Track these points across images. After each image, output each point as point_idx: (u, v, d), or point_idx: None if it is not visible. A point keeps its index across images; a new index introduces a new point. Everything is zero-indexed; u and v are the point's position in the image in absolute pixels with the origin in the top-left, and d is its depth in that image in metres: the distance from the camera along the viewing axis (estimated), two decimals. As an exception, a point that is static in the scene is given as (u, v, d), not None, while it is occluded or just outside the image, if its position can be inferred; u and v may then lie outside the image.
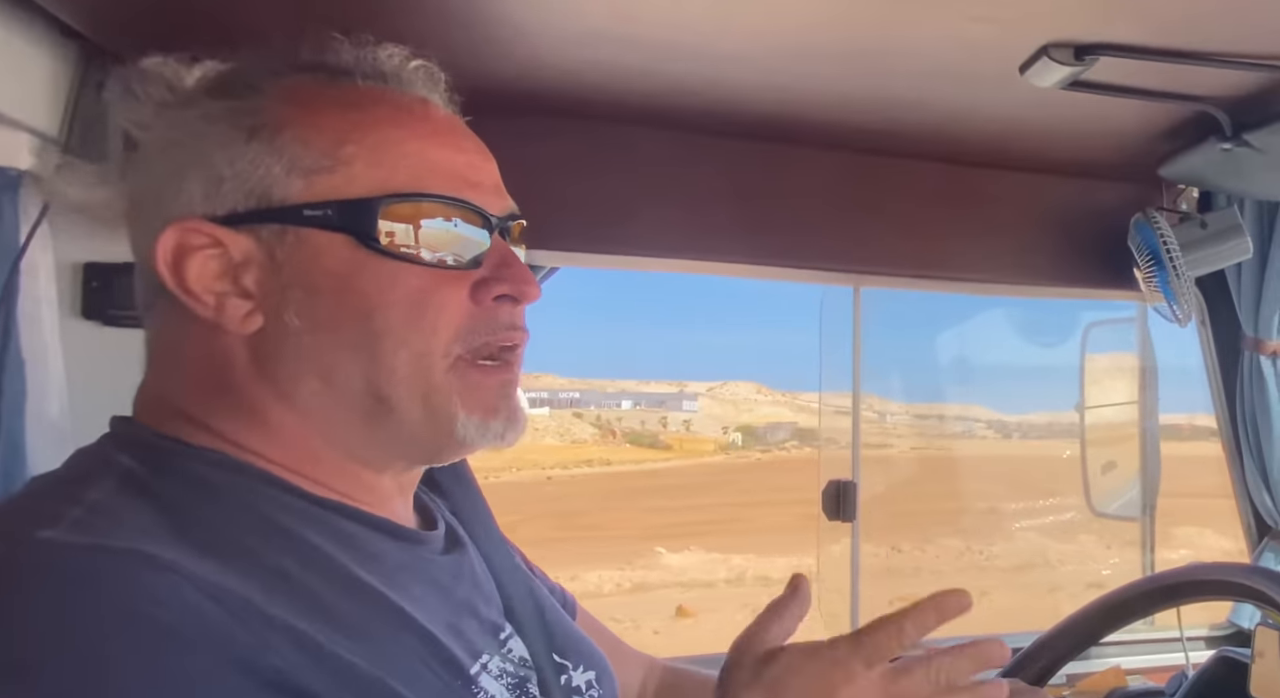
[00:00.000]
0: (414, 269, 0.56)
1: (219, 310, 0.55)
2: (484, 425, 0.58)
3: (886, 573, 10.87)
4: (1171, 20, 0.94)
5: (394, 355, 0.55)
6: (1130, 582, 1.22)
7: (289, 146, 0.55)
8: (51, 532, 0.46)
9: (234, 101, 0.57)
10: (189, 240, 0.55)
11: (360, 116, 0.57)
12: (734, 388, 33.10)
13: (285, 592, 0.50)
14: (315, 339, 0.55)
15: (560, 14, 0.94)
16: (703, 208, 1.31)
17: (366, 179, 0.55)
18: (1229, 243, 1.42)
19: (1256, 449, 1.60)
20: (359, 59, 0.60)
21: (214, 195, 0.55)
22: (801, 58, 1.04)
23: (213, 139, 0.56)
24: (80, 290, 1.09)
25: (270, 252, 0.55)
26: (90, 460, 0.55)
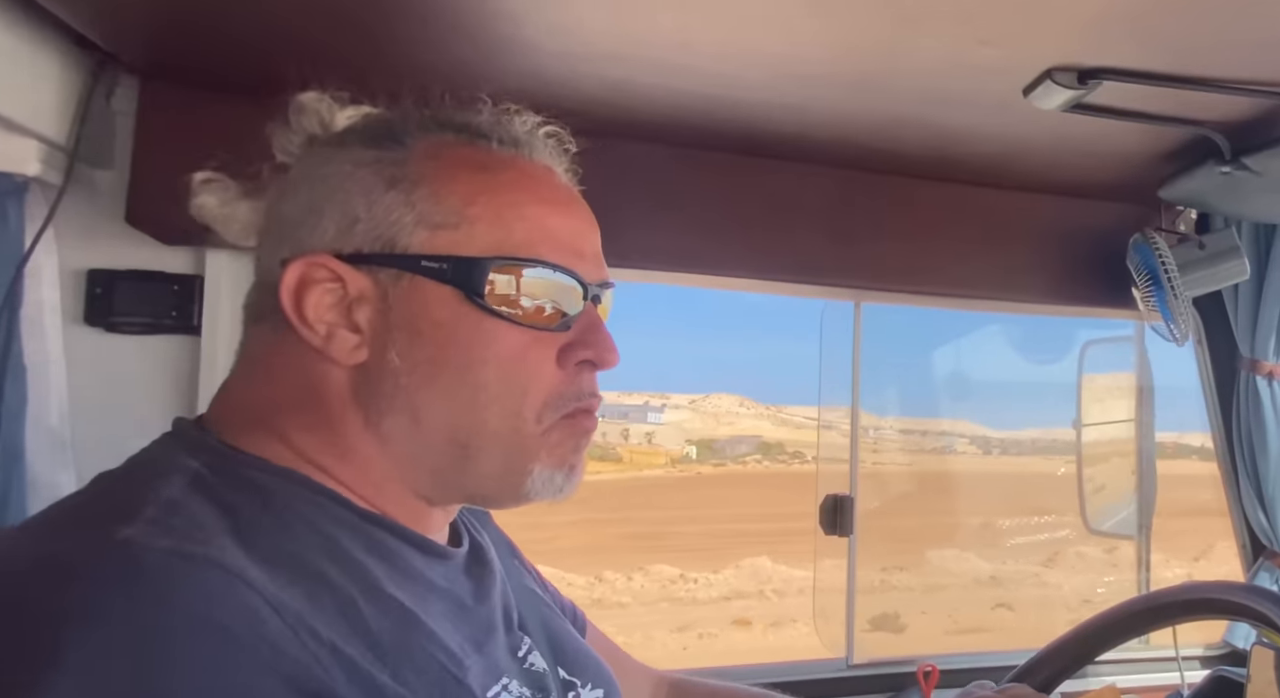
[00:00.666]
0: (511, 328, 0.59)
1: (328, 340, 0.59)
2: (550, 478, 0.62)
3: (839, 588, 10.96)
4: (1173, 47, 0.95)
5: (486, 409, 0.59)
6: (1126, 600, 1.23)
7: (422, 201, 0.60)
8: (130, 529, 0.48)
9: (382, 151, 0.61)
10: (314, 273, 0.59)
11: (490, 179, 0.62)
12: (717, 400, 33.11)
13: (329, 605, 0.52)
14: (412, 380, 0.59)
15: (571, 35, 0.95)
16: (706, 223, 1.31)
17: (485, 239, 0.60)
18: (1226, 264, 1.43)
19: (1252, 469, 1.60)
20: (497, 124, 0.65)
21: (346, 234, 0.60)
22: (807, 80, 1.05)
23: (356, 182, 0.60)
24: (84, 297, 1.09)
25: (385, 293, 0.59)
26: (158, 459, 0.57)
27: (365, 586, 0.55)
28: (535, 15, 0.91)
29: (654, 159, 1.28)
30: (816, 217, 1.37)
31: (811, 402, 1.74)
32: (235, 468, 0.56)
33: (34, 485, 1.02)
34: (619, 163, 1.26)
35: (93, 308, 1.09)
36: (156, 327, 1.11)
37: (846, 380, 1.56)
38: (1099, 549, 9.99)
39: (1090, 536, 1.75)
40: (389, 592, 0.56)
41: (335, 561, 0.54)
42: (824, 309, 1.62)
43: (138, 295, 1.09)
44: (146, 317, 1.11)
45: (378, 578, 0.56)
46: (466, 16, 0.91)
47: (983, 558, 11.51)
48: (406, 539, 0.60)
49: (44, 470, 1.04)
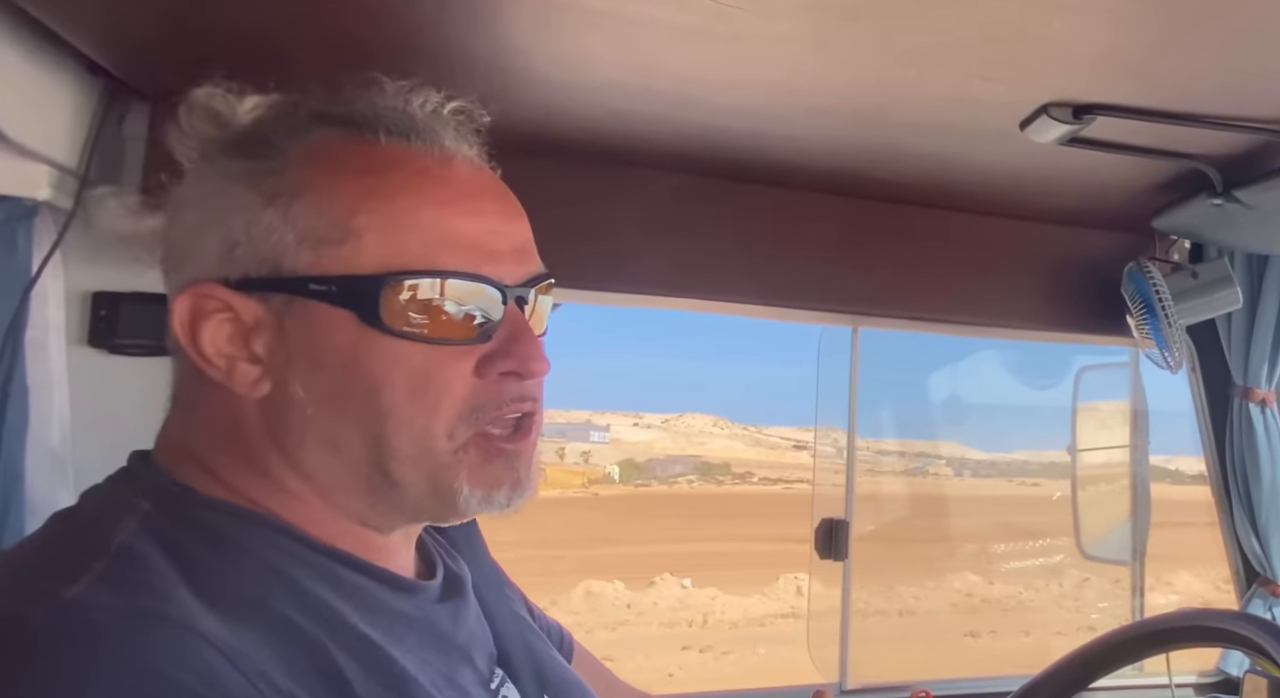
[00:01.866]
0: (418, 347, 0.54)
1: (229, 374, 0.55)
2: (487, 497, 0.57)
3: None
4: (1165, 84, 0.97)
5: (398, 434, 0.55)
6: (1120, 627, 1.23)
7: (302, 215, 0.54)
8: (78, 586, 0.46)
9: (253, 162, 0.56)
10: (203, 304, 0.55)
11: (376, 183, 0.55)
12: (690, 420, 33.09)
13: (295, 651, 0.50)
14: (319, 412, 0.55)
15: (578, 67, 0.96)
16: (706, 248, 1.33)
17: (376, 253, 0.54)
18: (1219, 293, 1.45)
19: (1245, 496, 1.61)
20: (387, 110, 0.58)
21: (228, 259, 0.55)
22: (809, 111, 1.07)
23: (231, 200, 0.55)
24: (88, 319, 1.09)
25: (279, 320, 0.55)
26: (110, 501, 0.55)
27: (334, 627, 0.52)
28: (543, 48, 0.92)
29: (656, 186, 1.29)
30: (816, 243, 1.39)
31: (793, 422, 1.75)
32: (185, 509, 0.54)
33: (33, 506, 1.02)
34: (622, 189, 1.28)
35: (97, 330, 1.09)
36: (160, 349, 1.11)
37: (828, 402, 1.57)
38: (1081, 573, 10.00)
39: (1058, 556, 1.76)
40: (360, 630, 0.53)
41: (300, 604, 0.52)
42: (822, 334, 1.63)
43: (142, 318, 1.09)
44: (150, 339, 1.11)
45: (346, 616, 0.53)
46: (476, 50, 0.92)
47: (956, 579, 11.47)
48: (372, 575, 0.57)
49: (43, 491, 1.04)
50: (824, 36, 0.87)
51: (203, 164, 0.58)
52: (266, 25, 0.89)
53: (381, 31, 0.89)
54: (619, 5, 0.82)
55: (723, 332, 77.90)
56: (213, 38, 0.92)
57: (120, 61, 0.97)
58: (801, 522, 1.57)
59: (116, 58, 0.96)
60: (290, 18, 0.87)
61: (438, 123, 0.59)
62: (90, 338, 1.09)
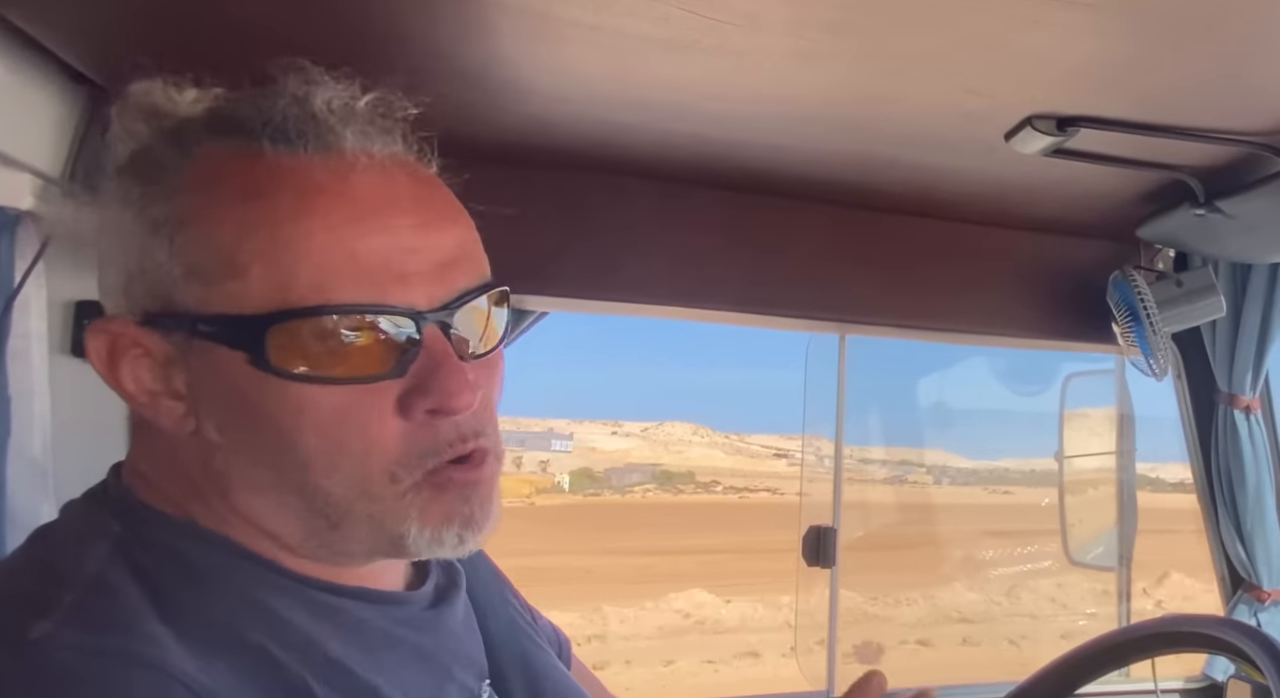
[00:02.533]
0: (322, 390, 0.48)
1: (154, 411, 0.51)
2: (436, 536, 0.52)
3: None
4: (1148, 98, 0.98)
5: (328, 480, 0.50)
6: (1105, 633, 1.24)
7: (187, 247, 0.49)
8: (46, 623, 0.45)
9: (147, 185, 0.51)
10: (116, 341, 0.51)
11: (263, 206, 0.48)
12: (670, 428, 33.11)
13: (270, 680, 0.48)
14: (239, 458, 0.51)
15: (567, 77, 0.97)
16: (693, 257, 1.33)
17: (263, 289, 0.48)
18: (1203, 301, 1.46)
19: (1231, 502, 1.63)
20: (273, 112, 0.50)
21: (128, 293, 0.51)
22: (796, 121, 1.08)
23: (124, 227, 0.50)
24: (70, 328, 1.09)
25: (184, 357, 0.50)
26: (84, 522, 0.54)
27: (311, 657, 0.50)
28: (532, 59, 0.92)
29: (644, 194, 1.29)
30: (803, 251, 1.39)
31: (778, 430, 1.76)
32: (154, 533, 0.51)
33: (13, 516, 1.02)
34: (610, 198, 1.28)
35: (79, 339, 1.08)
36: (144, 358, 1.11)
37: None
38: (1051, 583, 10.04)
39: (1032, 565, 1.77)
40: (334, 657, 0.51)
41: (275, 633, 0.50)
42: (809, 342, 1.64)
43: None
44: (134, 348, 1.10)
45: (324, 645, 0.51)
46: (465, 62, 0.92)
47: (929, 589, 11.46)
48: (346, 595, 0.54)
49: (24, 501, 1.03)
50: (809, 49, 0.88)
51: (113, 182, 0.52)
52: (252, 36, 0.88)
53: (370, 44, 0.89)
54: (607, 18, 0.83)
55: (711, 339, 78.24)
56: (198, 47, 0.92)
57: (104, 69, 0.96)
58: (733, 532, 1.57)
59: (100, 66, 0.95)
60: (276, 27, 0.87)
61: (340, 121, 0.51)
62: (73, 347, 1.08)
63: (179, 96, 0.54)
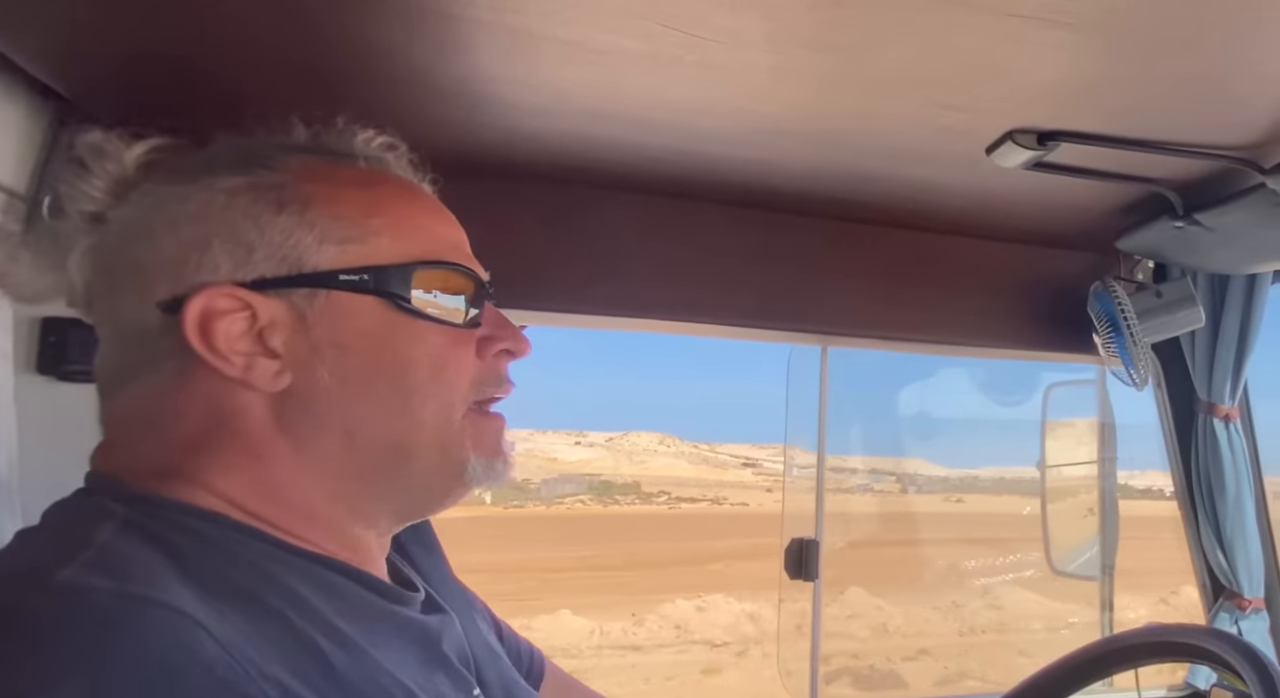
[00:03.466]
0: (436, 328, 0.61)
1: (248, 369, 0.58)
2: (490, 465, 0.63)
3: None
4: (1126, 112, 0.99)
5: (422, 408, 0.60)
6: (1089, 643, 1.24)
7: (319, 219, 0.60)
8: (68, 571, 0.46)
9: (254, 177, 0.60)
10: (216, 304, 0.57)
11: (378, 193, 0.63)
12: (635, 438, 33.15)
13: (283, 635, 0.51)
14: (344, 395, 0.59)
15: (549, 93, 0.96)
16: (675, 270, 1.32)
17: (393, 249, 0.61)
18: (1183, 312, 1.47)
19: (1211, 511, 1.64)
20: (353, 145, 0.65)
21: (244, 263, 0.58)
22: (777, 135, 1.07)
23: (239, 211, 0.59)
24: (37, 345, 1.06)
25: (300, 314, 0.59)
26: (81, 508, 0.56)
27: (319, 621, 0.54)
28: (513, 76, 0.92)
29: (626, 208, 1.29)
30: (784, 263, 1.39)
31: (749, 439, 1.75)
32: (163, 512, 0.54)
33: (-16, 538, 0.99)
34: (592, 212, 1.27)
35: (45, 356, 1.06)
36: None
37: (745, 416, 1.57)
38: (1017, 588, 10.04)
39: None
40: (340, 627, 0.55)
41: (289, 602, 0.53)
42: (791, 353, 1.64)
43: (92, 344, 1.07)
44: (105, 365, 1.08)
45: (329, 615, 0.55)
46: (448, 78, 0.92)
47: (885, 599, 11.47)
48: (355, 579, 0.59)
49: (-8, 520, 1.01)
50: (790, 66, 0.88)
51: (177, 187, 0.60)
52: (224, 51, 0.87)
53: (345, 59, 0.88)
54: (589, 35, 0.82)
55: (694, 350, 78.34)
56: (168, 62, 0.90)
57: (71, 84, 0.95)
58: (637, 542, 1.56)
59: (67, 80, 0.94)
60: (249, 44, 0.86)
61: (387, 155, 0.67)
62: (39, 364, 1.06)
63: (125, 148, 0.62)
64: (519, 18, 0.79)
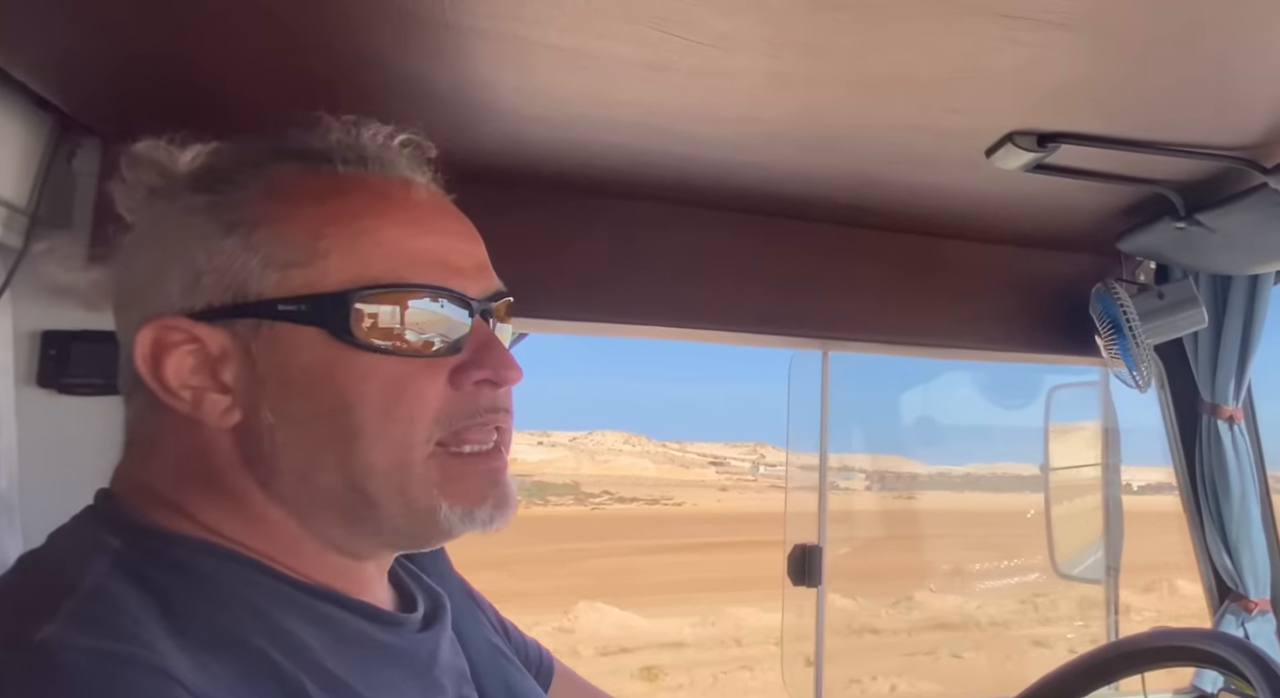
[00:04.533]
0: (389, 359, 0.55)
1: (196, 406, 0.55)
2: (469, 514, 0.57)
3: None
4: (1126, 114, 0.98)
5: (371, 450, 0.55)
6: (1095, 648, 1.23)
7: (265, 242, 0.55)
8: (51, 627, 0.45)
9: (215, 196, 0.57)
10: (166, 336, 0.55)
11: (337, 206, 0.57)
12: (600, 438, 33.04)
13: (271, 688, 0.50)
14: (290, 435, 0.55)
15: (545, 99, 0.95)
16: (676, 276, 1.32)
17: (341, 272, 0.55)
18: (1185, 313, 1.46)
19: (1216, 512, 1.63)
20: (340, 143, 0.59)
21: (192, 290, 0.55)
22: (775, 141, 1.07)
23: (192, 233, 0.56)
24: (37, 358, 1.06)
25: (246, 346, 0.55)
26: (79, 540, 0.55)
27: (308, 664, 0.52)
28: (509, 82, 0.91)
29: (624, 215, 1.28)
30: (784, 268, 1.38)
31: (720, 438, 1.74)
32: (158, 546, 0.53)
33: (-20, 552, 0.99)
34: (590, 219, 1.27)
35: (46, 370, 1.06)
36: (111, 387, 1.07)
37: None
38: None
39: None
40: (330, 670, 0.53)
41: (277, 641, 0.52)
42: (792, 358, 1.63)
43: (93, 356, 1.06)
44: (101, 377, 1.07)
45: (319, 654, 0.53)
46: (442, 86, 0.91)
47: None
48: (350, 609, 0.57)
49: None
50: (787, 70, 0.87)
51: (161, 203, 0.59)
52: (222, 62, 0.87)
53: (339, 67, 0.87)
54: (584, 41, 0.82)
55: (659, 348, 78.23)
56: (166, 74, 0.90)
57: (70, 97, 0.94)
58: (505, 546, 1.52)
59: (66, 93, 0.93)
60: (246, 54, 0.85)
61: (390, 153, 0.61)
62: (39, 378, 1.06)
63: (179, 153, 0.60)
64: (512, 24, 0.79)
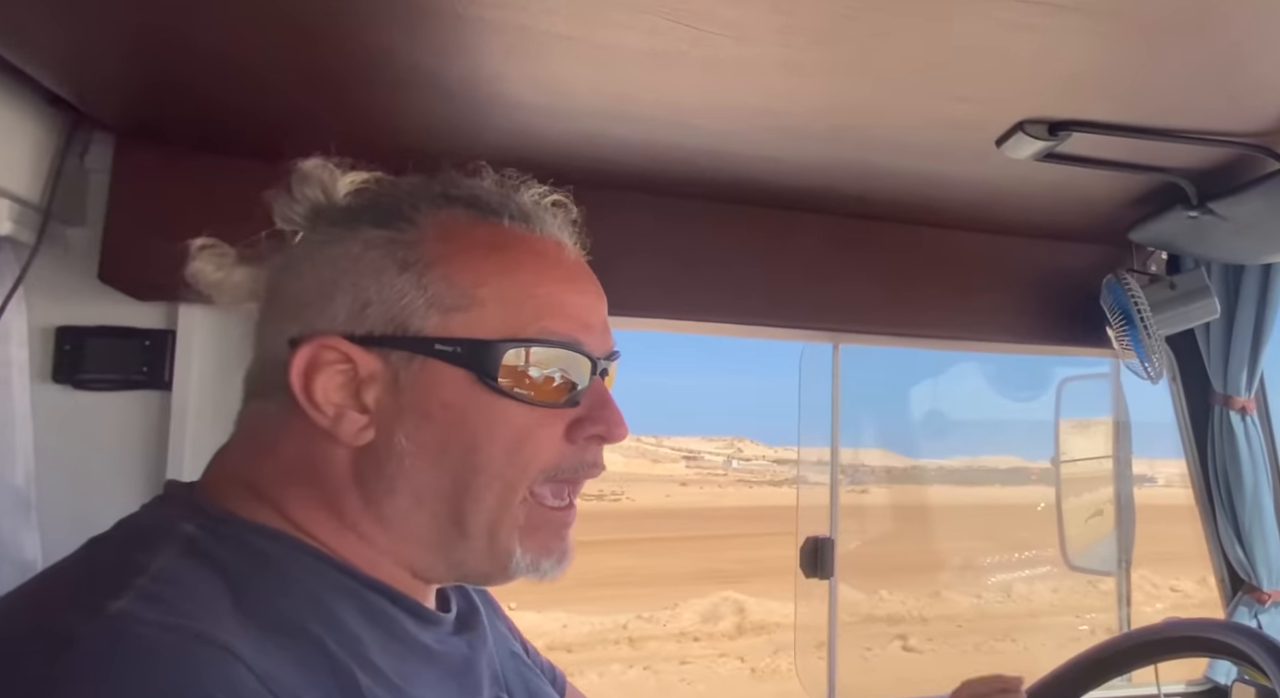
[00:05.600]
0: (521, 408, 0.60)
1: (336, 421, 0.59)
2: (535, 563, 0.62)
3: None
4: (1138, 101, 0.97)
5: (487, 487, 0.59)
6: (1108, 639, 1.23)
7: (435, 283, 0.60)
8: (121, 602, 0.47)
9: (393, 232, 0.61)
10: (324, 355, 0.59)
11: (501, 260, 0.61)
12: None
13: (325, 676, 0.52)
14: (417, 462, 0.59)
15: (555, 91, 0.95)
16: (686, 268, 1.32)
17: (496, 321, 0.60)
18: (1197, 304, 1.45)
19: (1228, 504, 1.62)
20: (507, 199, 0.65)
21: (357, 316, 0.59)
22: (784, 131, 1.07)
23: (368, 264, 0.60)
24: (52, 354, 1.07)
25: (395, 375, 0.59)
26: (151, 524, 0.57)
27: (358, 656, 0.55)
28: (517, 74, 0.91)
29: (632, 207, 1.28)
30: (795, 261, 1.38)
31: (699, 432, 1.72)
32: (232, 532, 0.56)
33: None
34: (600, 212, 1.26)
35: (61, 365, 1.07)
36: (126, 383, 1.09)
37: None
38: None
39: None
40: (377, 664, 0.55)
41: (333, 633, 0.54)
42: (803, 351, 1.63)
43: (107, 352, 1.07)
44: (116, 373, 1.09)
45: (367, 647, 0.56)
46: (450, 78, 0.91)
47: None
48: (401, 605, 0.60)
49: (8, 530, 1.01)
50: (797, 59, 0.87)
51: (339, 230, 0.62)
52: (229, 59, 0.87)
53: (348, 62, 0.87)
54: (593, 31, 0.82)
55: (643, 340, 77.94)
56: (175, 71, 0.90)
57: (81, 93, 0.95)
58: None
59: (77, 89, 0.94)
60: (253, 49, 0.85)
61: (544, 212, 0.66)
62: (54, 373, 1.07)
63: (340, 177, 0.65)
64: (520, 14, 0.79)
